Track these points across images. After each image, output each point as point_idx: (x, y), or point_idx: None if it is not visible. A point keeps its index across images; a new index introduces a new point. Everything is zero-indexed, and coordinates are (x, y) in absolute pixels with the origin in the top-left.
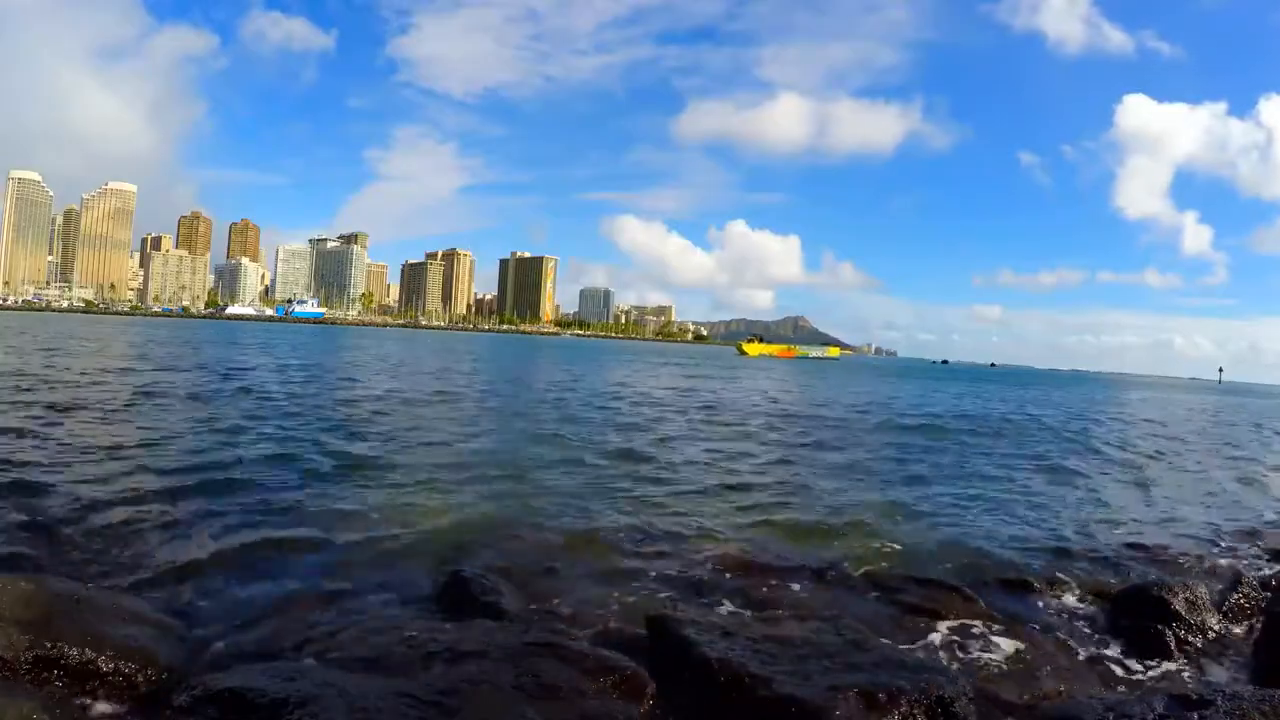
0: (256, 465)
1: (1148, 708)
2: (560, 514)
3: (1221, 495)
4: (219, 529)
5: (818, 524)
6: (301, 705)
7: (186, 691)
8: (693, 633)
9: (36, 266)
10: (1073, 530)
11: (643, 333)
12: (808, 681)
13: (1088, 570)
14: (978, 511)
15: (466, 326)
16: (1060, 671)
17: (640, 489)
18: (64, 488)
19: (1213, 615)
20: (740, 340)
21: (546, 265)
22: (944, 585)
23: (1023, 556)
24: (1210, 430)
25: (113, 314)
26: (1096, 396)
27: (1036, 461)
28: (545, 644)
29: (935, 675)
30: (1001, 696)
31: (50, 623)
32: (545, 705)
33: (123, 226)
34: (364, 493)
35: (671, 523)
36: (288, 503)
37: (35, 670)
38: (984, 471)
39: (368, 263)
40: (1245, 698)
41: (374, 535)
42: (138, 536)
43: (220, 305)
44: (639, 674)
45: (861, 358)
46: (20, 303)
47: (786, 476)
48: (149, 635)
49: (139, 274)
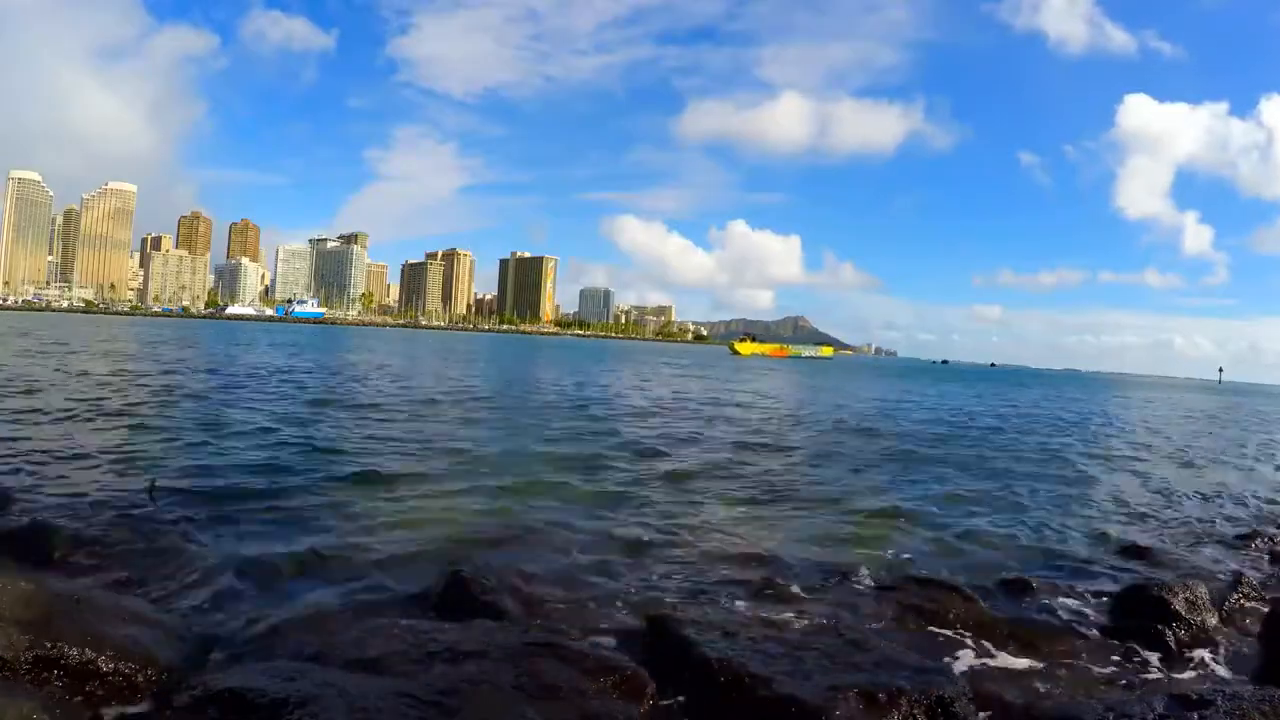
0: (258, 467)
1: (1148, 708)
2: (560, 514)
3: (1221, 495)
4: (219, 530)
5: (817, 524)
6: (301, 705)
7: (186, 691)
8: (693, 633)
9: (36, 266)
10: (1072, 530)
11: (643, 333)
12: (808, 681)
13: (1087, 570)
14: (977, 512)
15: (466, 326)
16: (1060, 671)
17: (639, 489)
18: (65, 488)
19: (1213, 615)
20: (734, 339)
21: (546, 265)
22: (944, 585)
23: (1022, 557)
24: (1210, 430)
25: (113, 314)
26: (1095, 397)
27: (1035, 462)
28: (545, 644)
29: (935, 675)
30: (1001, 696)
31: (50, 623)
32: (545, 705)
33: (123, 226)
34: (364, 493)
35: (671, 523)
36: (288, 504)
37: (35, 670)
38: (983, 472)
39: (368, 263)
40: (1245, 698)
41: (374, 535)
42: (138, 537)
43: (220, 305)
44: (639, 674)
45: (861, 357)
46: (20, 303)
47: (786, 477)
48: (149, 635)
49: (139, 274)
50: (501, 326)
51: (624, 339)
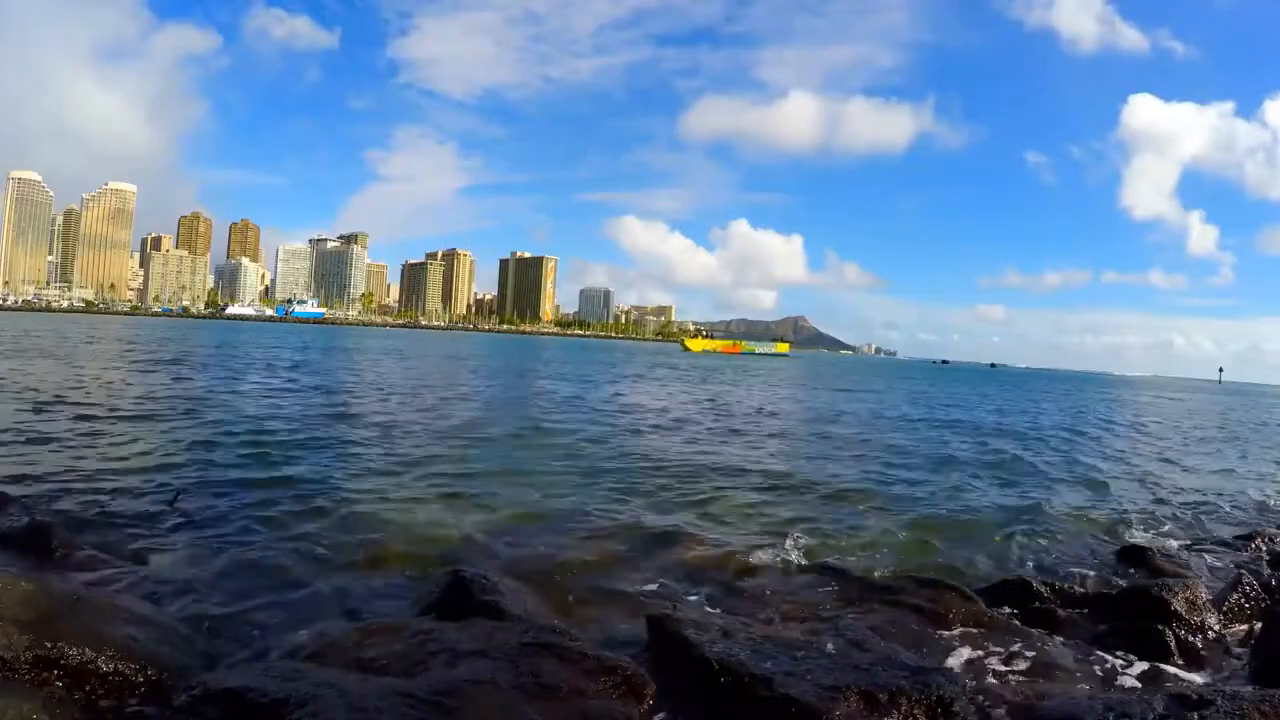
0: (259, 468)
1: (1148, 708)
2: (559, 514)
3: (1221, 496)
4: (220, 530)
5: (817, 525)
6: (301, 705)
7: (186, 691)
8: (693, 633)
9: (36, 266)
10: (1072, 530)
11: (643, 333)
12: (808, 681)
13: (1088, 570)
14: (978, 513)
15: (466, 327)
16: (1060, 671)
17: (640, 489)
18: (65, 488)
19: (1213, 615)
20: (686, 336)
21: (546, 265)
22: (944, 586)
23: (1023, 557)
24: (1209, 430)
25: (112, 314)
26: (1094, 397)
27: (1034, 462)
28: (545, 644)
29: (935, 675)
30: (1001, 697)
31: (50, 623)
32: (545, 705)
33: (123, 226)
34: (364, 493)
35: (670, 523)
36: (289, 505)
37: (35, 670)
38: (982, 472)
39: (368, 263)
40: (1245, 698)
41: (374, 536)
42: (139, 537)
43: (220, 305)
44: (639, 674)
45: (846, 357)
46: (20, 303)
47: (784, 477)
48: (149, 635)
49: (139, 274)
50: (501, 327)
51: (622, 339)
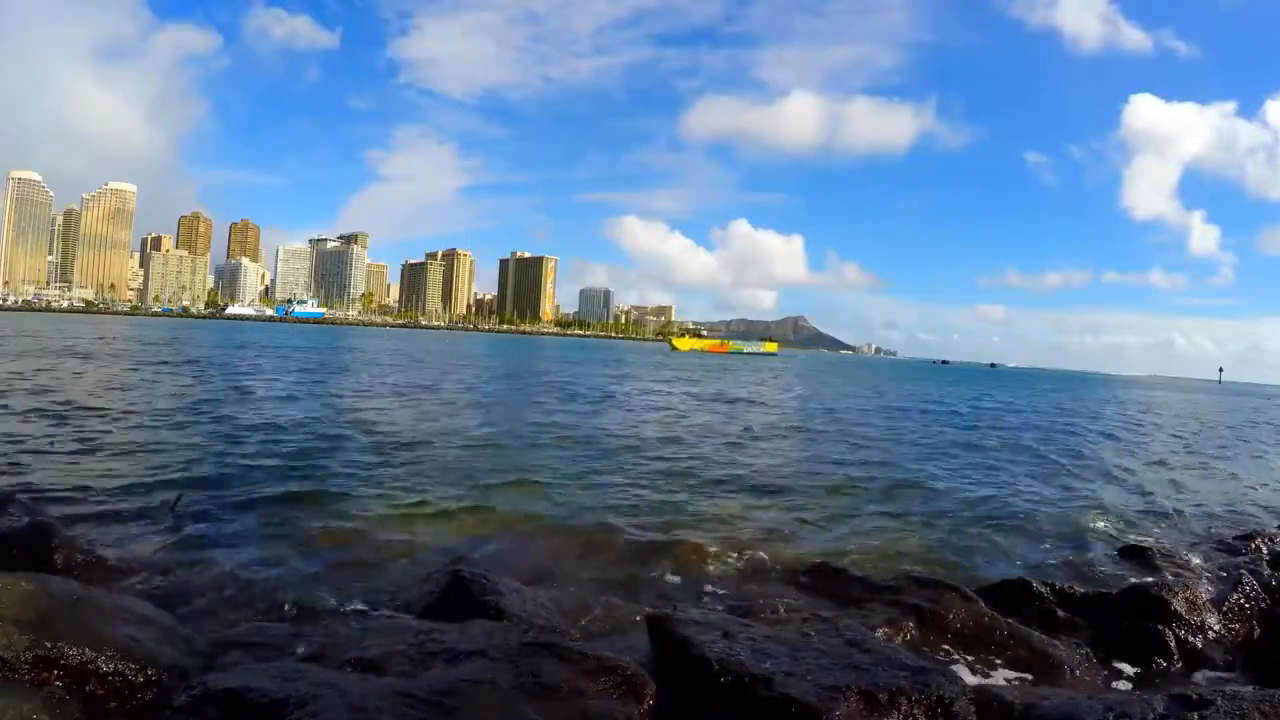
0: (260, 469)
1: (1148, 708)
2: (559, 514)
3: (1221, 496)
4: (221, 530)
5: (817, 525)
6: (301, 705)
7: (186, 691)
8: (693, 633)
9: (36, 266)
10: (1072, 531)
11: (643, 333)
12: (808, 681)
13: (1088, 570)
14: (978, 513)
15: (466, 327)
16: (1060, 671)
17: (639, 489)
18: (65, 488)
19: (1213, 615)
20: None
21: (546, 265)
22: (944, 585)
23: (1023, 557)
24: (1210, 431)
25: (112, 314)
26: (1094, 397)
27: (1033, 462)
28: (545, 644)
29: (935, 675)
30: (1001, 696)
31: (50, 623)
32: (545, 705)
33: (123, 226)
34: (365, 494)
35: (670, 523)
36: (290, 505)
37: (35, 670)
38: (981, 473)
39: (368, 263)
40: (1245, 698)
41: (374, 536)
42: (140, 537)
43: (220, 305)
44: (639, 674)
45: (859, 357)
46: (20, 303)
47: (783, 477)
48: (149, 635)
49: (139, 274)
50: (501, 327)
51: (623, 339)
